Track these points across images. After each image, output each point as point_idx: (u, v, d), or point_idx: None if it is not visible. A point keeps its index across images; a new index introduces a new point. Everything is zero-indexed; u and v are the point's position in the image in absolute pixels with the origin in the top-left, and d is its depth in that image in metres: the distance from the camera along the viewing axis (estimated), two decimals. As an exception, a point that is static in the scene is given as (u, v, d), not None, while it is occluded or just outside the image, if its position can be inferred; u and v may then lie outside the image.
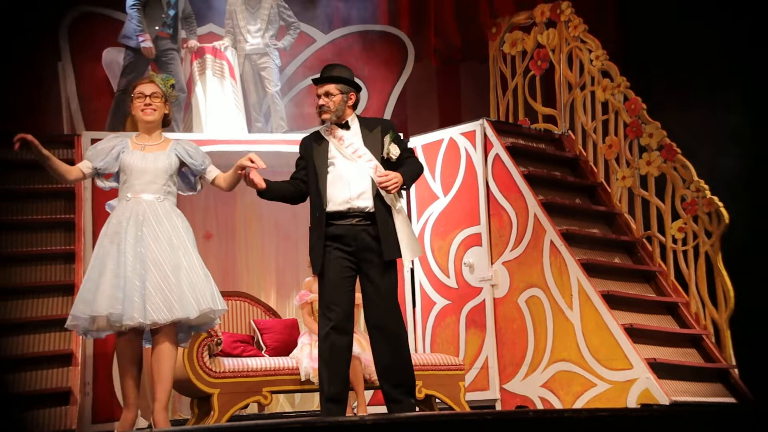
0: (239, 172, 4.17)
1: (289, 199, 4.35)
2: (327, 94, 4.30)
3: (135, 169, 4.15)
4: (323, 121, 4.34)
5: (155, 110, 4.21)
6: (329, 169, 4.26)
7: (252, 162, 4.13)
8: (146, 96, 4.21)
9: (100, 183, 4.27)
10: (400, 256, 4.21)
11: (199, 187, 4.34)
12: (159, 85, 4.26)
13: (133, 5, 5.86)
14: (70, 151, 5.50)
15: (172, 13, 5.93)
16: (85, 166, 4.22)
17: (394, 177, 4.20)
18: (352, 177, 4.22)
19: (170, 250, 4.04)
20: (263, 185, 4.20)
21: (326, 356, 4.15)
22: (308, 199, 4.34)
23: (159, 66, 5.89)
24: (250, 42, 6.09)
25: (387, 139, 4.29)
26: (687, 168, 5.74)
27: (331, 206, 4.21)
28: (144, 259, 4.01)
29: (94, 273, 4.03)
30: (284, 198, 4.34)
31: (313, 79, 4.40)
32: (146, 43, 5.82)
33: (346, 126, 4.31)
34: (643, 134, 5.86)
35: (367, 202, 4.21)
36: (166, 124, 4.31)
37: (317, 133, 4.39)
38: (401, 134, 4.63)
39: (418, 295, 5.89)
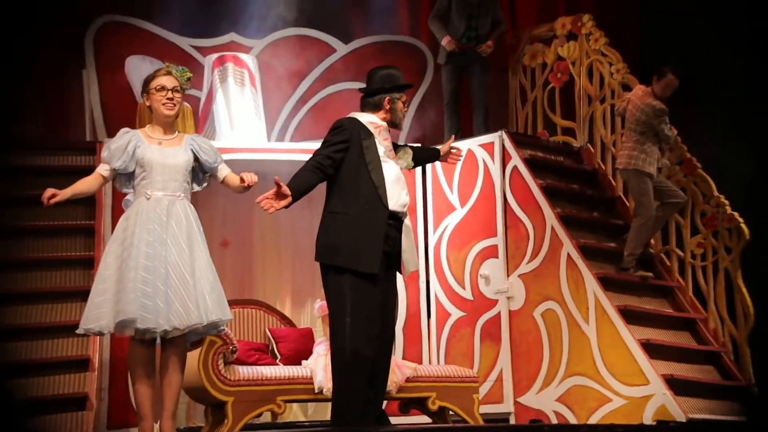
0: (242, 184, 4.08)
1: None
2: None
3: (156, 164, 4.00)
4: (397, 129, 4.16)
5: (176, 105, 4.08)
6: (383, 166, 4.00)
7: (251, 182, 4.03)
8: (168, 90, 4.07)
9: (122, 187, 4.09)
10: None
11: (205, 184, 4.20)
12: (177, 78, 4.12)
13: (433, 17, 5.96)
14: (91, 157, 5.57)
15: (474, 23, 5.88)
16: (103, 169, 4.06)
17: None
18: (404, 182, 4.08)
19: (189, 252, 3.96)
20: (288, 201, 3.87)
21: (366, 365, 3.87)
22: (335, 190, 3.98)
23: (468, 79, 6.07)
24: None
25: (408, 149, 4.21)
26: (707, 183, 5.69)
27: (392, 205, 3.97)
28: (166, 261, 3.90)
29: (124, 274, 3.85)
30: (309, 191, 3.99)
31: (406, 84, 4.12)
32: (449, 44, 5.96)
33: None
34: (663, 148, 5.82)
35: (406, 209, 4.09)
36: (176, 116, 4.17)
37: (358, 121, 4.05)
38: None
39: (433, 306, 5.87)
